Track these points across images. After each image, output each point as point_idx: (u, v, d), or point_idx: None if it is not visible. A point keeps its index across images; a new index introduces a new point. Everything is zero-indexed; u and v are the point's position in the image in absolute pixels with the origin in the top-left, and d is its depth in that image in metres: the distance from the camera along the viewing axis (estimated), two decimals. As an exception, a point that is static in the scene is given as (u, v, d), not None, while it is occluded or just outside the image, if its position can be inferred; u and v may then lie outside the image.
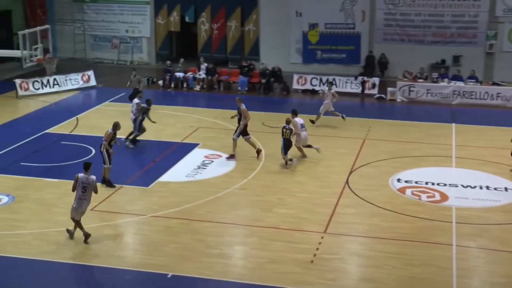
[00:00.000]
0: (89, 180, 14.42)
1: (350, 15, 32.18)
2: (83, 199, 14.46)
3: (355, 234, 15.30)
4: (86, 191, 14.43)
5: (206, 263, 13.83)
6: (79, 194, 14.42)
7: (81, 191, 14.40)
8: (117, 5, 35.25)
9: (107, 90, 28.52)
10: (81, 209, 14.50)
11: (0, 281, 12.21)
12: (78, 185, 14.41)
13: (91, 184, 14.42)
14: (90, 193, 14.51)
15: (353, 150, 21.28)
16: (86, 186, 14.41)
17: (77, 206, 14.47)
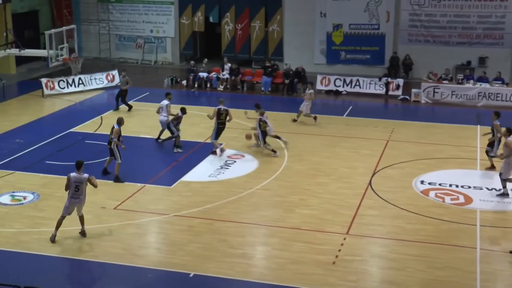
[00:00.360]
0: (81, 178, 14.50)
1: (375, 16, 32.03)
2: (76, 197, 14.56)
3: (378, 236, 15.22)
4: (79, 190, 14.52)
5: (228, 263, 13.85)
6: (72, 193, 14.53)
7: (74, 190, 14.50)
8: (142, 5, 35.46)
9: (131, 89, 28.57)
10: (72, 208, 14.62)
11: (24, 278, 12.33)
12: (71, 184, 14.50)
13: (84, 182, 14.50)
14: (83, 191, 14.57)
15: (376, 151, 21.17)
16: (79, 185, 14.49)
17: (69, 205, 14.63)
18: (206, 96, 29.09)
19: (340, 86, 29.57)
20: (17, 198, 17.21)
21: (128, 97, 26.17)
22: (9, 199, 17.11)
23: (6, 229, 15.34)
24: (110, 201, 16.97)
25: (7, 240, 14.78)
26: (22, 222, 15.71)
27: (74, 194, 14.55)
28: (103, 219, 15.91)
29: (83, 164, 14.75)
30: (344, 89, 29.52)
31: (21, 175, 18.83)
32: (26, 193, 17.49)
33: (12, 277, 12.22)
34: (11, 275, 12.77)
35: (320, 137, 22.71)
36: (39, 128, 23.49)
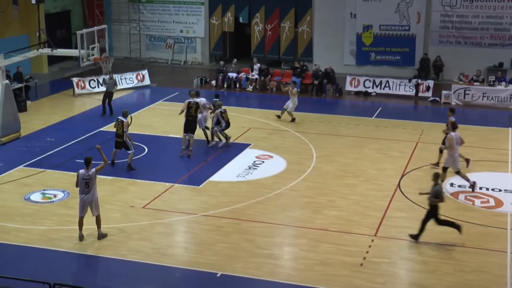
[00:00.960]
0: (90, 175, 14.59)
1: (405, 17, 31.78)
2: (86, 193, 14.64)
3: (406, 238, 15.09)
4: (88, 186, 14.63)
5: (255, 263, 13.86)
6: (82, 190, 14.64)
7: (84, 187, 14.61)
8: (173, 5, 35.66)
9: (161, 89, 28.89)
10: (86, 206, 14.67)
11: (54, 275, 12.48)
12: (80, 181, 14.61)
13: (92, 178, 14.61)
14: (93, 187, 14.65)
15: (405, 153, 21.01)
16: (88, 181, 14.60)
17: (82, 203, 14.69)
18: (235, 97, 29.15)
19: (370, 88, 29.41)
20: (47, 196, 17.44)
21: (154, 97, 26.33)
22: (40, 197, 17.35)
23: (37, 226, 15.55)
24: (138, 200, 17.10)
25: (38, 237, 14.98)
26: (52, 220, 15.92)
27: (84, 190, 14.64)
28: (131, 218, 16.04)
29: (91, 160, 14.82)
30: (373, 91, 29.35)
31: (52, 173, 19.07)
32: (56, 191, 17.71)
33: (42, 274, 12.38)
34: (41, 272, 12.94)
35: (348, 138, 22.61)
36: (70, 127, 23.77)
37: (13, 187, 18.00)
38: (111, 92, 25.10)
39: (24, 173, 19.03)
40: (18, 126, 22.41)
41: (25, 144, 21.73)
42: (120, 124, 19.26)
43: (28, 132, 22.84)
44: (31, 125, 23.61)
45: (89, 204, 14.74)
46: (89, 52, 22.57)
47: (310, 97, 28.92)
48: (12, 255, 14.23)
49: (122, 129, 19.20)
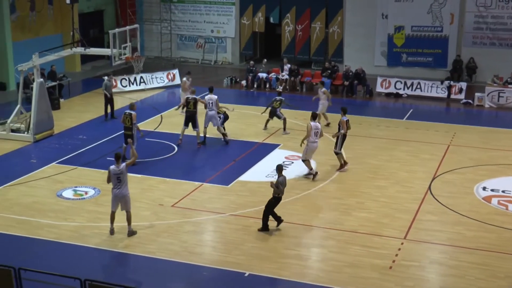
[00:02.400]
0: (121, 169, 14.75)
1: (438, 18, 31.46)
2: (118, 188, 14.81)
3: (437, 242, 14.95)
4: (120, 181, 14.78)
5: (283, 263, 13.85)
6: (115, 184, 14.82)
7: (116, 181, 14.78)
8: (204, 5, 35.79)
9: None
10: (117, 201, 14.89)
11: (85, 271, 12.60)
12: (112, 176, 14.79)
13: (123, 172, 14.76)
14: (124, 181, 14.83)
15: (436, 156, 20.80)
16: (120, 176, 14.76)
17: (114, 197, 14.89)
18: (265, 97, 29.13)
19: (401, 89, 29.19)
20: (79, 193, 17.64)
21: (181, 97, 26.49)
22: (71, 194, 17.55)
23: (68, 223, 15.74)
24: (168, 199, 17.21)
25: (69, 233, 15.16)
26: (83, 217, 16.09)
27: (117, 185, 14.81)
28: (160, 216, 16.14)
29: (121, 156, 15.06)
30: (404, 92, 29.12)
31: (83, 171, 19.28)
32: (87, 188, 17.90)
33: (73, 270, 12.52)
34: (72, 268, 13.08)
35: (379, 140, 22.47)
36: (101, 125, 24.01)
37: (46, 184, 18.24)
38: (111, 95, 24.68)
39: (56, 170, 19.28)
40: (52, 123, 22.70)
41: (58, 141, 22.01)
42: (129, 117, 19.48)
43: (61, 129, 23.13)
44: (64, 123, 23.91)
45: (120, 199, 14.93)
46: (121, 51, 22.72)
47: (340, 98, 28.77)
48: (45, 250, 14.42)
49: (131, 122, 19.42)
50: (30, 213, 16.23)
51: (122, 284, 10.87)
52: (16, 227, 15.44)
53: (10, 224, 15.62)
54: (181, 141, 21.48)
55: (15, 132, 22.29)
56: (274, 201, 15.28)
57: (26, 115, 22.60)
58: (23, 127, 22.37)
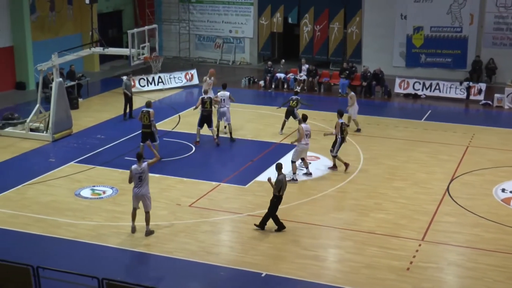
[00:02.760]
0: (143, 168, 14.90)
1: (458, 18, 31.23)
2: (139, 187, 14.95)
3: (455, 244, 14.85)
4: (142, 180, 14.93)
5: (300, 264, 13.83)
6: (136, 183, 14.97)
7: (138, 181, 14.92)
8: (222, 5, 35.84)
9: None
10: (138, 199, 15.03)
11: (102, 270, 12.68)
12: (134, 176, 14.92)
13: (145, 171, 14.91)
14: (146, 180, 14.99)
15: (455, 157, 20.66)
16: (141, 175, 14.90)
17: (135, 195, 15.04)
18: (283, 97, 29.04)
19: (419, 90, 29.03)
20: (97, 192, 17.74)
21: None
22: (89, 193, 17.66)
23: (86, 222, 15.84)
24: (185, 198, 17.25)
25: (87, 232, 15.26)
26: (101, 216, 16.19)
27: (138, 183, 14.97)
28: (178, 216, 16.19)
29: (142, 155, 15.19)
30: (423, 93, 28.95)
31: (101, 170, 19.39)
32: (105, 188, 18.00)
33: (91, 269, 12.59)
34: (90, 267, 13.16)
35: (397, 141, 22.36)
36: (119, 125, 24.13)
37: (64, 183, 18.37)
38: (131, 94, 24.88)
39: (75, 169, 19.41)
40: (70, 123, 22.85)
41: (76, 140, 22.16)
42: (147, 115, 19.61)
43: (79, 129, 23.28)
44: (83, 122, 24.06)
45: (141, 198, 15.04)
46: (140, 51, 22.82)
47: (359, 99, 28.44)
48: (63, 249, 14.52)
49: (149, 120, 19.55)
50: (48, 212, 16.36)
51: (139, 283, 10.92)
52: (35, 226, 15.57)
53: (29, 222, 15.75)
54: (198, 142, 21.50)
55: (34, 131, 22.48)
56: (276, 200, 15.25)
57: (45, 114, 22.78)
58: (42, 127, 22.54)
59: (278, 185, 15.16)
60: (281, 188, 15.20)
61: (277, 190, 15.18)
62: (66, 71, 27.37)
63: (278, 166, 15.57)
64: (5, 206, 16.65)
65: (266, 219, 15.34)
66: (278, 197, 15.23)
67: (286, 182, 15.41)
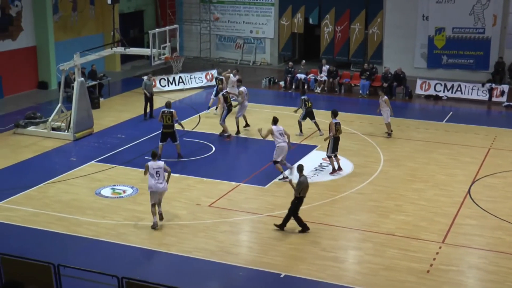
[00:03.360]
0: (159, 165, 15.37)
1: (480, 19, 30.96)
2: (158, 182, 15.29)
3: (476, 247, 14.72)
4: (159, 175, 15.32)
5: (319, 265, 13.80)
6: (153, 177, 15.31)
7: (156, 175, 15.30)
8: (243, 6, 35.88)
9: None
10: (158, 192, 15.35)
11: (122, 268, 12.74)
12: (151, 171, 15.30)
13: (161, 168, 15.32)
14: (163, 175, 15.35)
15: (476, 159, 20.49)
16: (159, 170, 15.31)
17: (155, 189, 15.31)
18: (303, 98, 29.05)
19: (441, 91, 28.82)
20: (117, 191, 17.84)
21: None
22: (110, 192, 17.77)
23: (106, 221, 15.94)
24: (204, 199, 17.29)
25: (107, 231, 15.35)
26: (121, 215, 16.28)
27: (156, 178, 15.32)
28: (197, 216, 16.23)
29: (157, 154, 15.89)
30: (444, 94, 28.75)
31: (122, 169, 19.50)
32: (125, 187, 18.09)
33: (111, 267, 12.66)
34: (110, 265, 13.25)
35: (417, 143, 22.23)
36: (140, 124, 24.24)
37: (85, 182, 18.50)
38: (151, 95, 25.03)
39: (95, 168, 19.54)
40: (91, 122, 23.01)
41: (97, 140, 22.30)
42: (169, 115, 19.82)
43: (100, 128, 23.43)
44: (104, 122, 24.21)
45: (162, 193, 15.43)
46: (161, 51, 22.90)
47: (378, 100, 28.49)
48: (83, 247, 14.63)
49: (172, 120, 19.82)
50: (69, 211, 16.49)
51: (158, 282, 10.95)
52: (56, 224, 15.70)
53: (50, 221, 15.89)
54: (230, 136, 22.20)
55: (56, 130, 22.67)
56: (297, 202, 15.23)
57: (66, 114, 22.96)
58: (64, 126, 22.72)
59: (299, 186, 15.13)
60: (302, 190, 15.17)
61: (298, 192, 15.15)
62: (87, 71, 27.58)
63: (300, 168, 15.55)
64: (27, 205, 16.82)
65: (286, 220, 15.33)
66: (298, 199, 15.20)
67: (307, 184, 15.35)
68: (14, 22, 28.24)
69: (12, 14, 28.12)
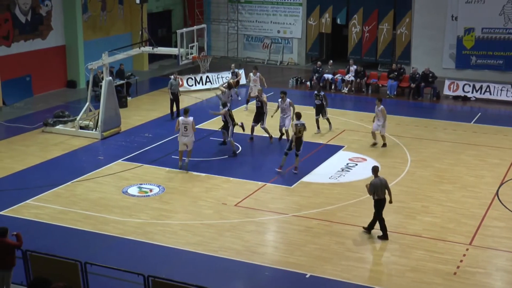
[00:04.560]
0: (188, 121, 18.87)
1: (511, 20, 30.57)
2: (185, 135, 18.90)
3: (504, 249, 14.55)
4: (187, 129, 18.87)
5: (345, 266, 13.76)
6: (182, 132, 18.90)
7: (184, 130, 18.88)
8: (271, 6, 35.89)
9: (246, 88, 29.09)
10: (183, 142, 18.93)
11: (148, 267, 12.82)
12: (180, 126, 18.85)
13: (189, 124, 18.82)
14: (191, 130, 18.86)
15: (505, 160, 20.24)
16: (187, 125, 18.85)
17: (180, 141, 18.99)
18: (330, 98, 28.86)
19: (469, 92, 28.52)
20: (144, 190, 17.96)
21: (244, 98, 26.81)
22: (136, 191, 17.89)
23: (133, 219, 16.06)
24: (231, 198, 17.33)
25: (134, 229, 15.47)
26: (147, 214, 16.39)
27: (184, 133, 18.89)
28: (223, 215, 16.28)
29: (189, 111, 19.18)
30: (473, 95, 28.44)
31: (148, 168, 19.63)
32: (152, 186, 18.21)
33: (137, 265, 12.76)
34: (136, 263, 13.34)
35: (445, 144, 22.03)
36: (168, 123, 24.36)
37: (112, 180, 18.66)
38: (177, 94, 25.19)
39: (122, 167, 19.70)
40: (119, 121, 23.19)
41: (125, 139, 22.47)
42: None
43: (127, 127, 23.61)
44: (131, 121, 24.39)
45: (186, 143, 18.94)
46: (188, 50, 22.99)
47: (407, 101, 28.36)
48: (110, 245, 14.76)
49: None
50: (96, 209, 16.64)
51: (184, 281, 11.00)
52: (83, 222, 15.86)
53: (78, 219, 16.06)
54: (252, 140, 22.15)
55: (84, 129, 22.89)
56: (376, 204, 14.97)
57: (94, 112, 23.16)
58: (92, 125, 22.94)
59: (372, 188, 14.85)
60: (375, 192, 14.83)
61: (371, 194, 14.91)
62: (115, 70, 27.79)
63: (374, 169, 15.18)
64: (55, 202, 17.02)
65: (373, 222, 15.11)
66: (376, 201, 14.90)
67: (383, 185, 14.87)
68: (44, 22, 28.60)
69: (43, 14, 28.48)
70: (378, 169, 15.21)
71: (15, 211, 16.43)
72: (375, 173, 15.09)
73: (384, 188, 14.92)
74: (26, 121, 24.20)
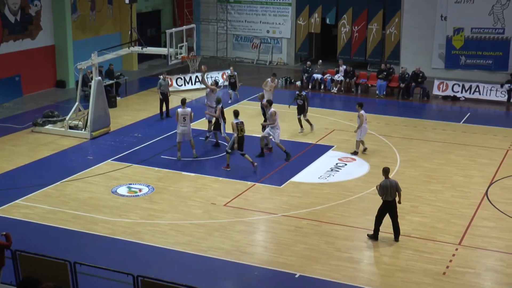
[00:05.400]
0: (187, 111, 19.80)
1: (500, 20, 30.72)
2: (184, 126, 19.71)
3: (493, 249, 14.60)
4: (185, 120, 19.72)
5: (334, 266, 13.76)
6: (181, 122, 19.68)
7: (182, 120, 19.69)
8: (260, 6, 35.89)
9: (246, 88, 29.08)
10: (183, 133, 19.75)
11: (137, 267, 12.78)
12: (180, 116, 19.63)
13: (188, 114, 19.74)
14: (189, 121, 19.72)
15: (495, 160, 20.33)
16: (185, 116, 19.70)
17: (181, 132, 19.78)
18: (319, 98, 29.03)
19: (458, 92, 28.62)
20: (133, 190, 17.91)
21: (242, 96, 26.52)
22: (126, 191, 17.84)
23: (122, 219, 16.01)
24: (220, 198, 17.31)
25: (123, 229, 15.42)
26: (137, 214, 16.34)
27: (182, 123, 19.69)
28: (213, 215, 16.25)
29: (186, 101, 20.34)
30: (462, 95, 28.55)
31: (138, 168, 19.58)
32: (141, 186, 18.16)
33: (126, 265, 12.72)
34: (125, 263, 13.30)
35: (434, 144, 22.10)
36: (157, 123, 24.33)
37: (102, 180, 18.60)
38: (166, 94, 25.15)
39: (112, 166, 19.63)
40: (108, 121, 23.12)
41: (114, 139, 22.41)
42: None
43: (117, 127, 23.54)
44: (120, 121, 24.33)
45: (186, 133, 19.78)
46: (178, 50, 22.95)
47: (396, 101, 28.44)
48: (99, 245, 14.71)
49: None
50: (86, 209, 16.58)
51: (173, 281, 10.97)
52: (73, 222, 15.80)
53: (67, 218, 15.99)
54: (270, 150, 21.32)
55: (73, 129, 22.80)
56: (382, 205, 14.84)
57: (84, 112, 23.08)
58: (81, 124, 22.85)
59: (381, 190, 14.70)
60: (385, 194, 14.68)
61: (381, 195, 14.77)
62: (105, 70, 27.71)
63: (385, 171, 14.94)
64: (44, 202, 16.94)
65: (395, 226, 14.97)
66: (384, 202, 14.75)
67: (392, 186, 14.68)
68: (33, 22, 28.47)
69: (32, 14, 28.34)
70: (388, 171, 15.01)
71: (5, 211, 16.35)
72: (385, 174, 14.86)
73: (395, 190, 14.74)
74: (16, 121, 24.09)
